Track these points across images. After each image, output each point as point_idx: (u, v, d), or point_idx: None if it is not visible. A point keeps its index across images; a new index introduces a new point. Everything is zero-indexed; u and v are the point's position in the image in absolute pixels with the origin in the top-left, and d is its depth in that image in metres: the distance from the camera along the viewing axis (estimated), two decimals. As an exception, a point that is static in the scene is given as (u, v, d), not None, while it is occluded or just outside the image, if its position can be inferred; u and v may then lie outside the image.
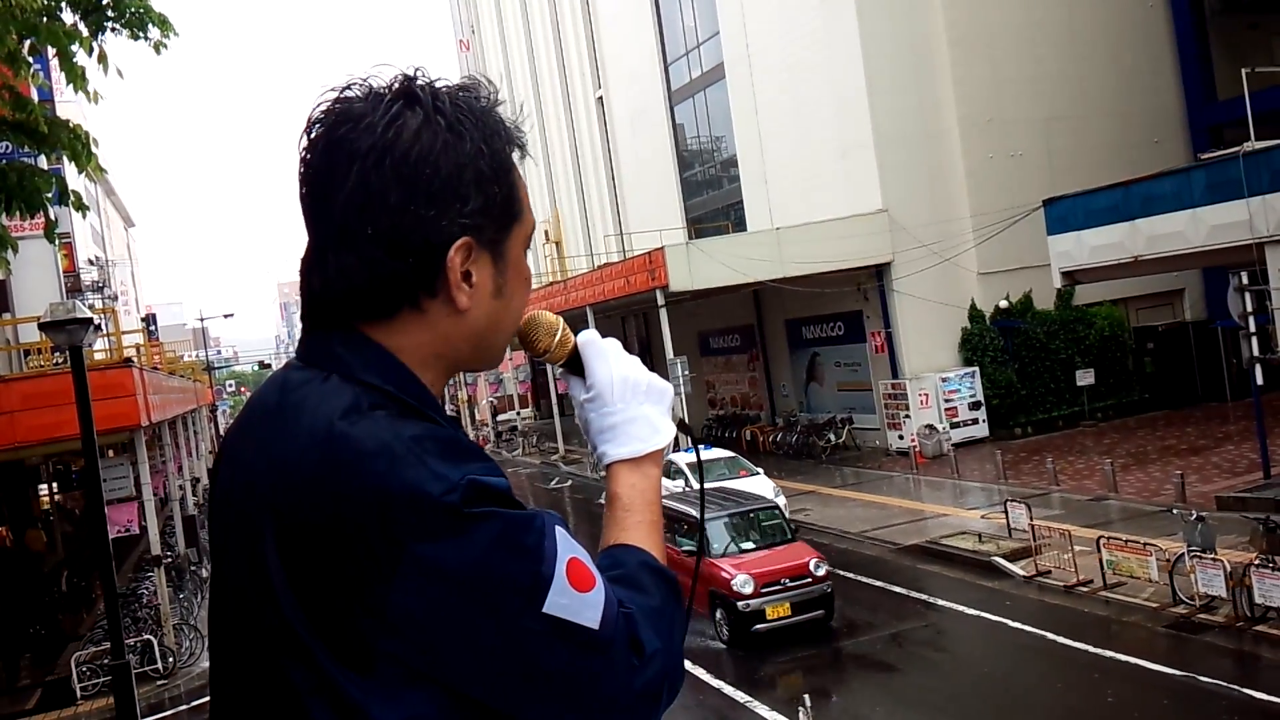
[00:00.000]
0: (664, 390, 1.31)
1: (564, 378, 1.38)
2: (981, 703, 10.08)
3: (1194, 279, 25.82)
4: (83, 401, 9.67)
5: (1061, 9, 25.71)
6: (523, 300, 1.20)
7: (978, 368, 24.24)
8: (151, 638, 14.33)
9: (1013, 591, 13.18)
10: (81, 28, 6.34)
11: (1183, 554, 11.47)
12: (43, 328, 10.19)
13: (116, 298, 39.69)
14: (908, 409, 23.81)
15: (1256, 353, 15.91)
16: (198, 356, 57.60)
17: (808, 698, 9.22)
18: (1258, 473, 16.42)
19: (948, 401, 23.84)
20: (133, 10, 6.46)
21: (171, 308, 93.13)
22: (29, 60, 6.28)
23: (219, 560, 1.11)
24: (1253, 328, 15.80)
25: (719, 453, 20.20)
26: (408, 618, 0.95)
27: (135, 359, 15.62)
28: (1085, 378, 24.14)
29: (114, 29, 6.52)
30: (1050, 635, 11.42)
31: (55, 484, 24.75)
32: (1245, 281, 15.79)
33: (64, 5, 6.50)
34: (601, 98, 38.97)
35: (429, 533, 0.95)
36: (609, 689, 1.03)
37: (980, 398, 24.15)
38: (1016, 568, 13.83)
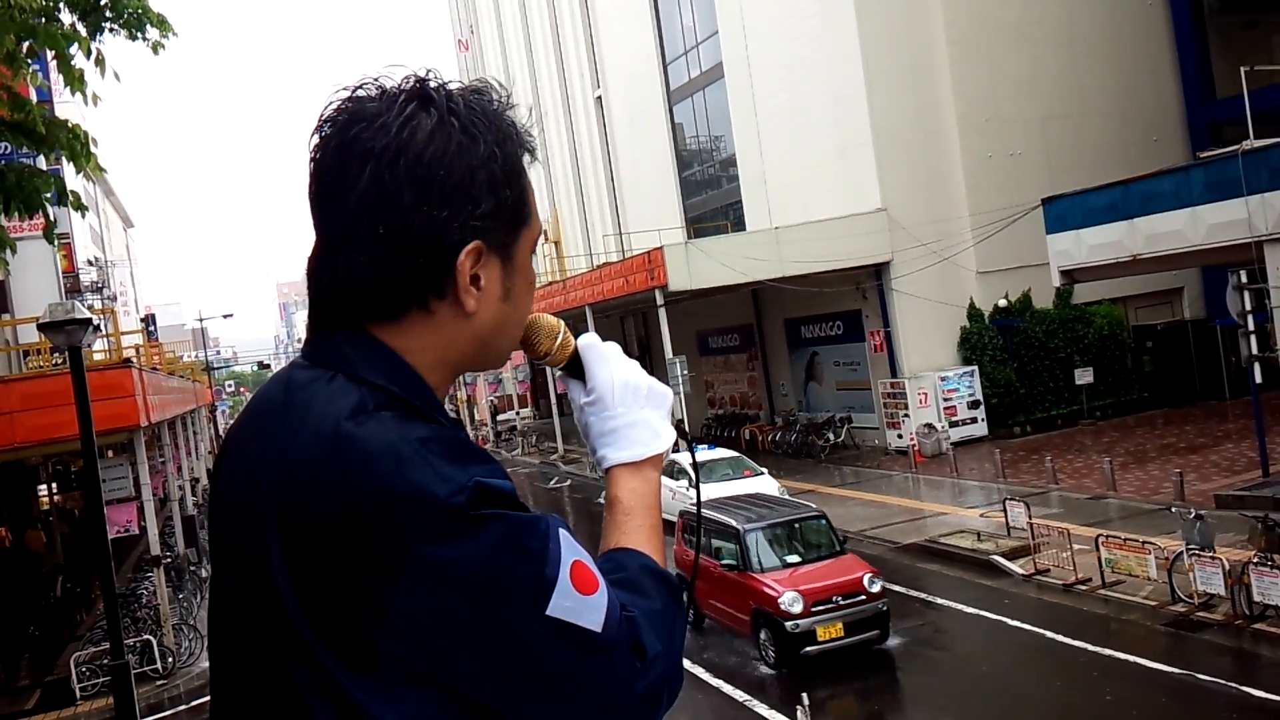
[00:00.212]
0: (664, 395, 1.32)
1: (564, 381, 1.38)
2: (980, 701, 10.09)
3: (1193, 278, 25.84)
4: (82, 402, 9.66)
5: (1060, 8, 25.72)
6: (528, 304, 1.20)
7: (977, 367, 24.25)
8: (151, 638, 14.32)
9: (1012, 590, 13.19)
10: (80, 28, 6.34)
11: (1181, 552, 11.48)
12: (42, 328, 10.18)
13: (115, 298, 39.66)
14: (907, 408, 23.81)
15: (1255, 351, 15.92)
16: (197, 357, 57.58)
17: (805, 697, 9.22)
18: (1256, 471, 16.43)
19: (947, 400, 23.85)
20: (131, 10, 6.46)
21: (171, 308, 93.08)
22: (27, 61, 6.28)
23: (220, 559, 1.10)
24: (1251, 326, 15.81)
25: (723, 453, 20.17)
26: (411, 619, 0.95)
27: (134, 359, 15.61)
28: (1084, 376, 24.16)
29: (112, 29, 6.51)
30: (1049, 634, 11.43)
31: (55, 484, 24.73)
32: (1244, 280, 15.79)
33: (62, 5, 6.50)
34: (600, 97, 38.97)
35: (435, 534, 0.95)
36: (611, 691, 1.03)
37: (979, 397, 24.16)
38: (1015, 566, 13.83)
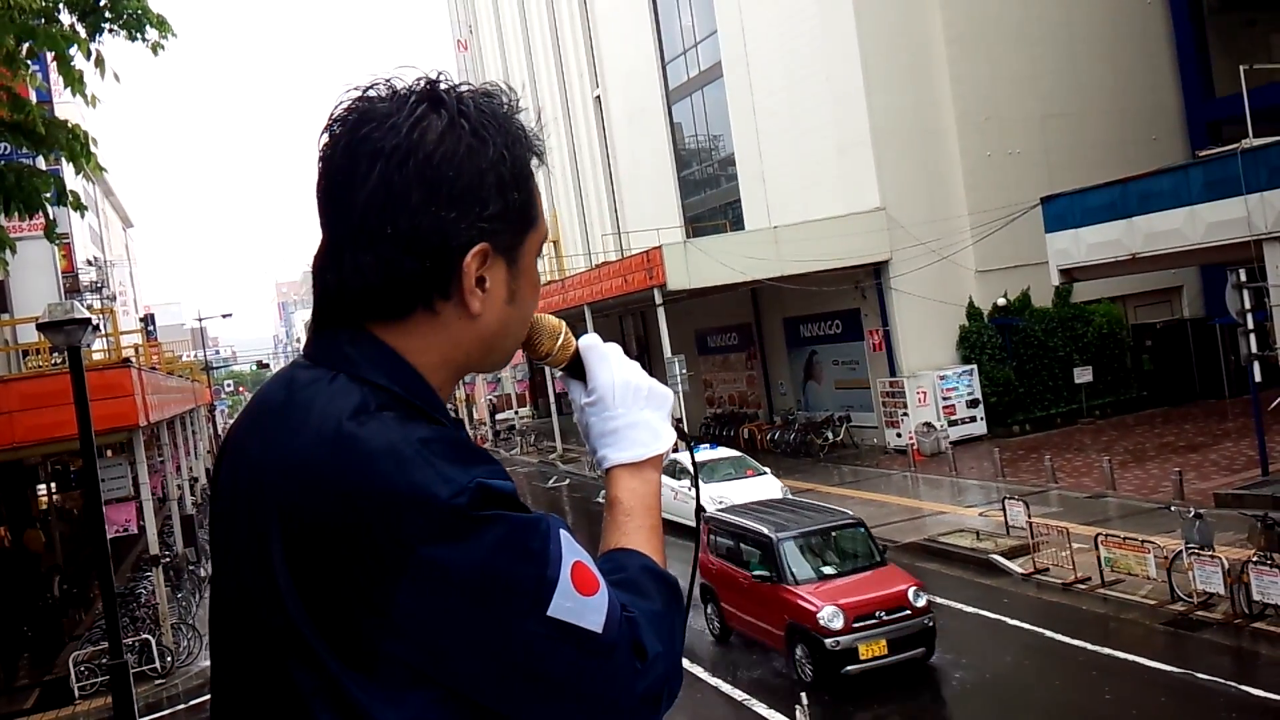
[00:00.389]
0: (664, 395, 1.32)
1: (565, 381, 1.38)
2: (980, 700, 10.10)
3: (1192, 276, 25.85)
4: (81, 402, 9.66)
5: (1059, 7, 25.72)
6: (532, 307, 1.20)
7: (976, 365, 24.25)
8: (149, 637, 14.32)
9: (1011, 589, 13.19)
10: (79, 29, 6.33)
11: (1181, 551, 11.48)
12: (41, 328, 10.18)
13: (115, 298, 39.64)
14: (906, 407, 23.80)
15: (1254, 349, 15.92)
16: (196, 356, 57.54)
17: (804, 696, 9.23)
18: (1256, 470, 16.44)
19: (946, 399, 23.85)
20: (130, 11, 6.45)
21: (170, 308, 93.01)
22: (26, 63, 6.27)
23: (221, 559, 1.10)
24: (1250, 324, 15.80)
25: (725, 452, 20.15)
26: (413, 619, 0.96)
27: (133, 359, 15.60)
28: (1083, 375, 24.16)
29: (112, 30, 6.50)
30: (1048, 633, 11.43)
31: (54, 484, 24.72)
32: (1243, 279, 15.79)
33: (61, 6, 6.49)
34: (599, 97, 38.95)
35: (436, 535, 0.95)
36: (611, 692, 1.04)
37: (978, 395, 24.16)
38: (1014, 565, 13.84)
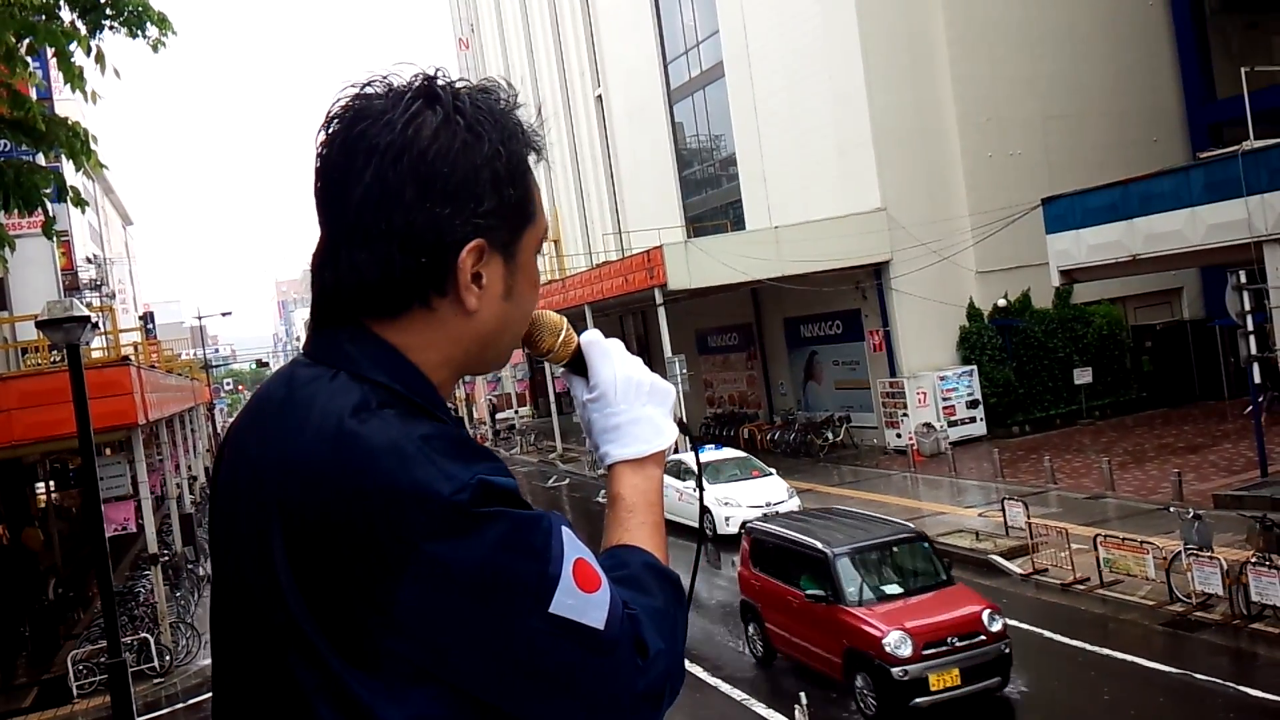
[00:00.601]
0: (667, 391, 1.32)
1: (566, 378, 1.37)
2: (978, 700, 10.08)
3: (1192, 278, 25.86)
4: (80, 400, 9.65)
5: (1060, 8, 25.72)
6: (532, 303, 1.20)
7: (976, 366, 24.26)
8: (148, 636, 14.32)
9: (1010, 589, 13.19)
10: (79, 26, 6.32)
11: (1180, 552, 11.49)
12: (40, 326, 10.17)
13: (114, 296, 39.66)
14: (905, 407, 23.81)
15: (1254, 351, 15.93)
16: (195, 355, 57.56)
17: (804, 695, 9.22)
18: (1255, 471, 16.45)
19: (945, 400, 23.85)
20: (131, 9, 6.44)
21: (169, 306, 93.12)
22: (26, 60, 6.27)
23: (222, 557, 1.10)
24: (1250, 326, 15.82)
25: (730, 453, 20.14)
26: (415, 616, 0.95)
27: (133, 357, 15.60)
28: (1083, 376, 24.17)
29: (112, 27, 6.49)
30: (1047, 633, 11.44)
31: (52, 482, 24.71)
32: (1243, 280, 15.80)
33: (62, 3, 6.48)
34: (600, 96, 38.96)
35: (438, 532, 0.95)
36: (613, 689, 1.03)
37: (978, 396, 24.17)
38: (1014, 566, 13.84)
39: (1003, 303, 24.73)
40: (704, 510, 1.50)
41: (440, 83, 1.10)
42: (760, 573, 11.58)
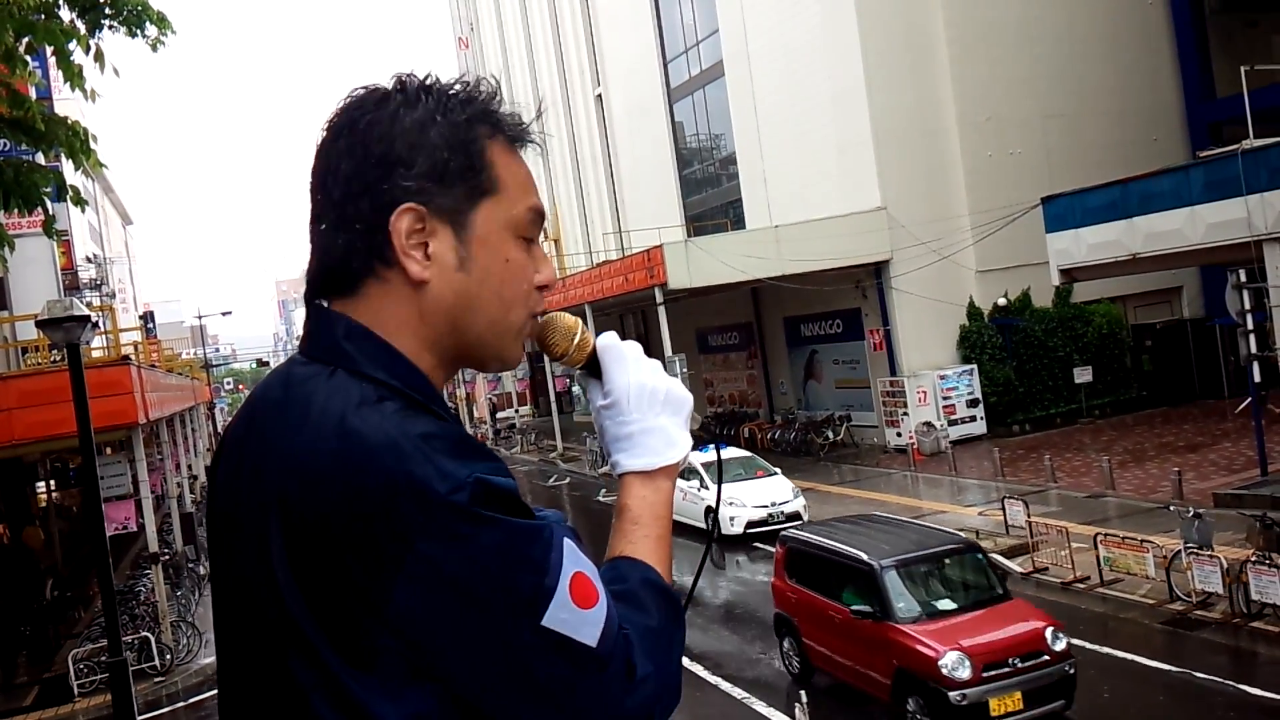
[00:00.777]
0: (683, 400, 1.28)
1: (582, 381, 1.35)
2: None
3: (1192, 277, 25.85)
4: (80, 399, 9.65)
5: (1060, 7, 25.71)
6: (508, 286, 1.14)
7: (976, 365, 24.25)
8: (149, 635, 14.32)
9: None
10: (79, 25, 6.31)
11: (1180, 551, 11.49)
12: (40, 325, 10.17)
13: (114, 295, 39.65)
14: (906, 406, 23.81)
15: (1254, 350, 15.92)
16: (195, 354, 57.55)
17: (804, 694, 9.22)
18: (1255, 470, 16.45)
19: (946, 399, 23.85)
20: (130, 8, 6.44)
21: (169, 305, 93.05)
22: (26, 59, 6.26)
23: (221, 555, 1.10)
24: (1250, 325, 15.80)
25: (735, 452, 20.11)
26: (409, 615, 0.95)
27: (133, 356, 15.60)
28: (1083, 375, 24.17)
29: (111, 26, 6.49)
30: (1048, 632, 11.41)
31: (53, 481, 24.71)
32: (1243, 279, 15.79)
33: (61, 2, 6.48)
34: (600, 95, 38.95)
35: (434, 531, 0.95)
36: (600, 706, 1.03)
37: (978, 395, 24.17)
38: (1014, 564, 13.84)
39: (1003, 302, 24.73)
40: (714, 511, 1.48)
41: (404, 76, 1.15)
42: (797, 584, 10.71)
